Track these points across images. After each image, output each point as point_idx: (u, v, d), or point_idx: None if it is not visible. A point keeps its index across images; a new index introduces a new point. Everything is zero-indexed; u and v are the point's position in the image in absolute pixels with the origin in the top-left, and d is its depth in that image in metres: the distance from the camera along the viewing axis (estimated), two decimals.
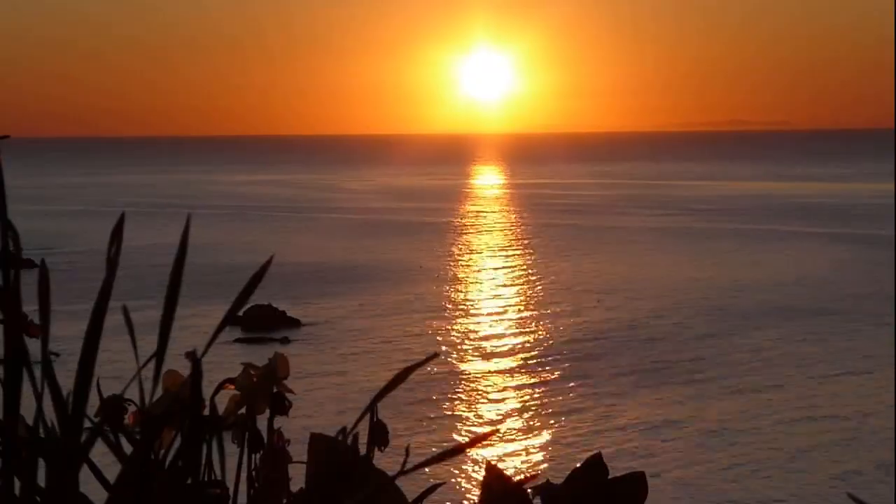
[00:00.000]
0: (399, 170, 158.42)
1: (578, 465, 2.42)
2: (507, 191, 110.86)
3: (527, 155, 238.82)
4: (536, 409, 25.55)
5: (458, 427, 23.76)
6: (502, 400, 26.48)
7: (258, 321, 33.58)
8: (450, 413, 24.88)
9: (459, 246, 57.73)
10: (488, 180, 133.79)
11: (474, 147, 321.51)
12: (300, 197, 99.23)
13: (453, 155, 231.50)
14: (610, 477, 2.39)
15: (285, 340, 32.34)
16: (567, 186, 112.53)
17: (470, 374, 28.62)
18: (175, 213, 74.46)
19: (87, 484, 1.78)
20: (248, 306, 32.06)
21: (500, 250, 56.79)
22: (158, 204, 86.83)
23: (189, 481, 1.76)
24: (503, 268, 49.71)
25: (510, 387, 27.64)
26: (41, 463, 1.69)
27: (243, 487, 2.09)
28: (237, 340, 32.00)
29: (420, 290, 41.78)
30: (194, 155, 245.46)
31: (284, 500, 2.12)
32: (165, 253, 43.72)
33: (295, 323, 34.67)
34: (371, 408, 2.00)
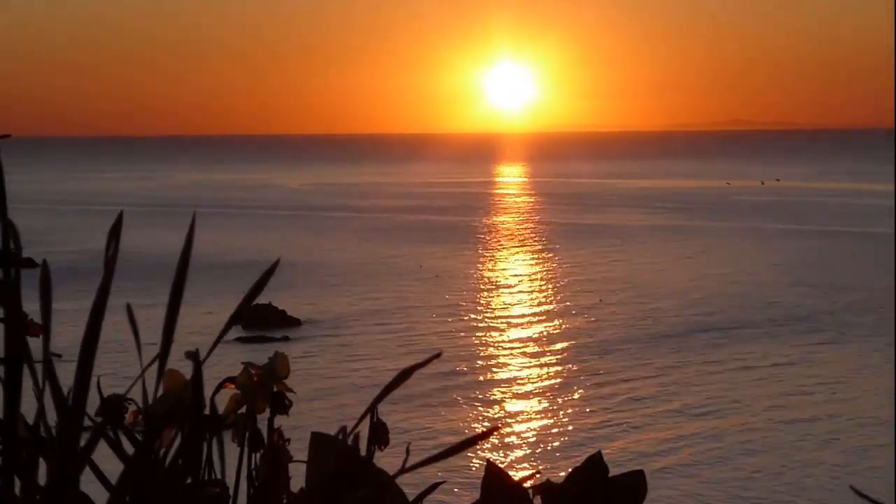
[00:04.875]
0: (410, 168, 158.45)
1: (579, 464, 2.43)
2: (514, 189, 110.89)
3: (542, 153, 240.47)
4: (537, 408, 25.57)
5: (459, 426, 23.77)
6: (503, 398, 26.48)
7: (258, 320, 33.56)
8: (450, 412, 24.89)
9: (461, 245, 57.74)
10: (495, 179, 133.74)
11: (494, 146, 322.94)
12: (307, 196, 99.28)
13: (472, 154, 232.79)
14: (610, 475, 2.39)
15: (285, 339, 32.34)
16: (574, 185, 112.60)
17: (471, 373, 28.62)
18: (208, 212, 74.48)
19: (88, 483, 1.77)
20: None
21: (501, 250, 56.80)
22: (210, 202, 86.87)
23: (189, 480, 1.76)
24: (504, 267, 49.73)
25: (511, 385, 27.64)
26: (41, 462, 1.68)
27: (243, 487, 2.09)
28: (237, 339, 32.00)
29: (421, 289, 41.79)
30: (229, 154, 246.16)
31: (284, 500, 2.12)
32: (171, 251, 43.76)
33: (295, 322, 34.65)
34: (373, 407, 2.01)
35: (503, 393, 27.02)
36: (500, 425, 23.85)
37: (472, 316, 36.71)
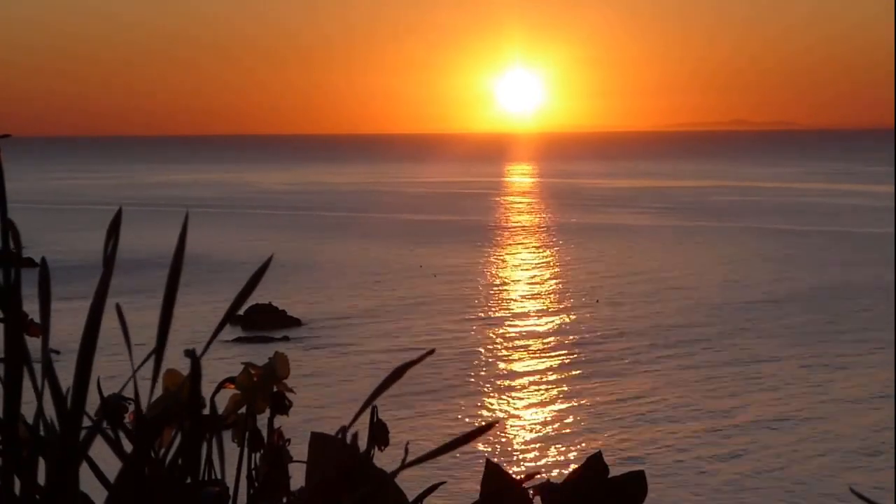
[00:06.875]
0: (419, 168, 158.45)
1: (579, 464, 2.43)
2: (516, 189, 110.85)
3: (547, 153, 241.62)
4: (536, 407, 25.56)
5: (458, 424, 23.76)
6: (501, 397, 26.48)
7: (258, 320, 33.56)
8: (448, 410, 24.89)
9: (460, 245, 57.71)
10: (498, 179, 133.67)
11: (503, 146, 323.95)
12: (309, 196, 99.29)
13: (481, 153, 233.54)
14: (610, 476, 2.39)
15: (285, 339, 32.33)
16: (575, 185, 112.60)
17: (468, 371, 28.63)
18: (222, 212, 74.41)
19: (88, 483, 1.77)
20: (248, 305, 32.05)
21: (499, 249, 56.79)
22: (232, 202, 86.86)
23: (189, 480, 1.76)
24: (502, 267, 49.73)
25: (509, 384, 27.64)
26: (41, 462, 1.68)
27: (243, 486, 2.09)
28: (237, 340, 32.00)
29: (420, 289, 41.78)
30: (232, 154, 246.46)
31: (284, 500, 2.12)
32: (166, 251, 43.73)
33: (295, 322, 34.65)
34: (368, 405, 2.00)
35: (501, 392, 27.02)
36: (497, 422, 23.87)
37: (471, 315, 36.70)
